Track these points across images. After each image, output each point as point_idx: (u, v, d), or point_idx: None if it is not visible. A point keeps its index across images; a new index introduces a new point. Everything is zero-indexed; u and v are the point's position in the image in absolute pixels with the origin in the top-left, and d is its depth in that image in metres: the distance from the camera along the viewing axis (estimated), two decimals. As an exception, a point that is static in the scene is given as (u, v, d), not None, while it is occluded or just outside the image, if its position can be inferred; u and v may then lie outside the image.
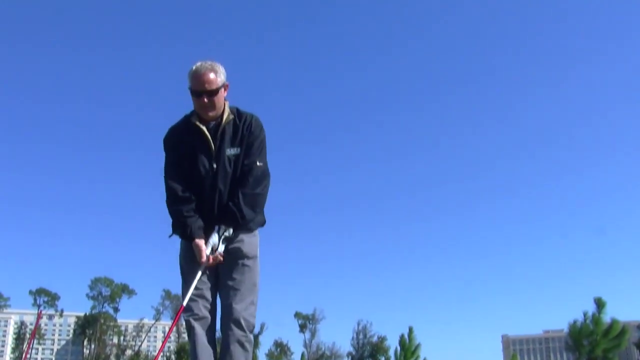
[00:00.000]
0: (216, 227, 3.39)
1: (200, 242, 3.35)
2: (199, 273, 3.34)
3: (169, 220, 3.52)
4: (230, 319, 3.37)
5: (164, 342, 3.62)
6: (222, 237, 3.37)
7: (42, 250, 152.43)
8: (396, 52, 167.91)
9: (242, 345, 3.35)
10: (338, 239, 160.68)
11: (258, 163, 3.48)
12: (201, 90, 3.38)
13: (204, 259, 3.33)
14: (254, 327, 3.45)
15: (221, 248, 3.37)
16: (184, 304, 3.34)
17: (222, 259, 3.38)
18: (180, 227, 3.42)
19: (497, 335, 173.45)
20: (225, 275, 3.47)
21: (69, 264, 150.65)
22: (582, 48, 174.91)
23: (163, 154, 3.56)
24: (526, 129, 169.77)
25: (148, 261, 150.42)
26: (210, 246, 3.35)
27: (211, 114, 3.46)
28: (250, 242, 3.53)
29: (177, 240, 3.57)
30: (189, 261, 3.43)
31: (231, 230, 3.39)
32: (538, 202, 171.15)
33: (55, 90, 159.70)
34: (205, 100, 3.40)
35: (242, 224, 3.44)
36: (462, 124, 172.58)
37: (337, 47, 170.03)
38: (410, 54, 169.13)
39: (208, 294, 3.43)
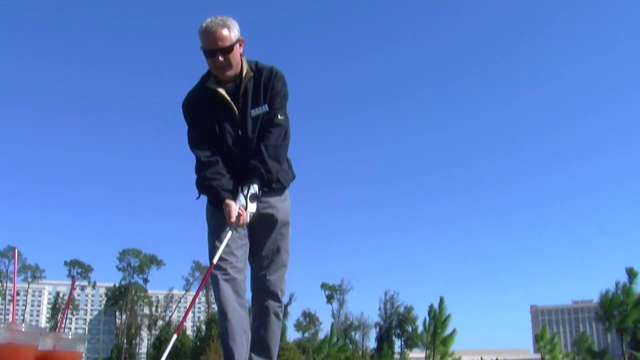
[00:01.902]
0: (240, 188, 3.18)
1: (230, 202, 3.12)
2: (229, 233, 3.11)
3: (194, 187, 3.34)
4: (266, 291, 3.34)
5: (191, 303, 3.39)
6: (248, 195, 3.14)
7: (75, 222, 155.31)
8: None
9: (277, 316, 3.37)
10: (365, 209, 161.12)
11: (279, 116, 3.29)
12: (214, 49, 3.14)
13: (233, 219, 3.07)
14: (284, 293, 3.46)
15: (251, 207, 3.15)
16: (214, 261, 3.10)
17: (249, 219, 3.15)
18: (207, 191, 3.25)
19: (526, 306, 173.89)
20: (258, 243, 3.37)
21: (99, 236, 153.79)
22: (588, 41, 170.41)
23: (185, 122, 3.39)
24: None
25: (175, 232, 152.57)
26: (238, 207, 3.11)
27: (228, 73, 3.23)
28: (282, 207, 3.41)
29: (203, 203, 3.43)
30: (218, 220, 3.23)
31: (256, 187, 3.17)
32: (568, 173, 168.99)
33: (83, 61, 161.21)
34: (220, 58, 3.16)
35: (268, 178, 3.22)
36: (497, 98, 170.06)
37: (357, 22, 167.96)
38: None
39: (239, 254, 3.26)
